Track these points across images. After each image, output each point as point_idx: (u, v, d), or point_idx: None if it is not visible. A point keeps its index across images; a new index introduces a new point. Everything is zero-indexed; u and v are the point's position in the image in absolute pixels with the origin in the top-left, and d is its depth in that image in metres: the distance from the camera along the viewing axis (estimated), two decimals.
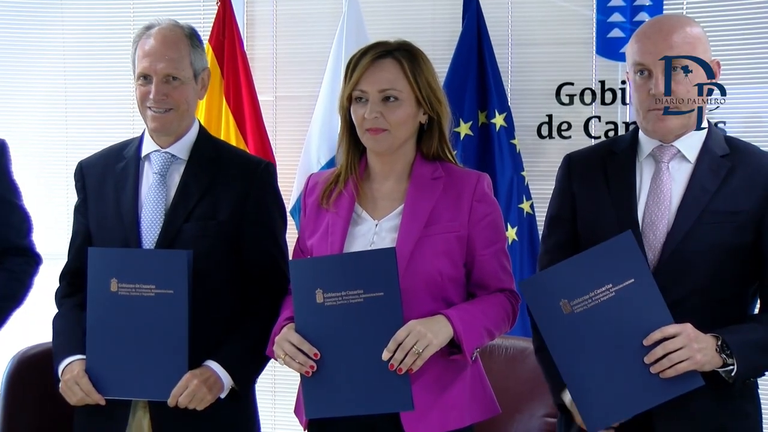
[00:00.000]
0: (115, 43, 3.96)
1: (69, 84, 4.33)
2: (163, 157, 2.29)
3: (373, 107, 2.04)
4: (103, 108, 4.24)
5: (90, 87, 4.30)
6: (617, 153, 2.08)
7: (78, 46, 4.33)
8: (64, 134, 4.21)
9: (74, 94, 4.31)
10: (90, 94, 4.31)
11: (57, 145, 4.11)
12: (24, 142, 3.77)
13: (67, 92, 4.32)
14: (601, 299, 1.86)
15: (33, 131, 4.20)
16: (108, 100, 4.20)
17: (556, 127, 3.98)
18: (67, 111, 4.32)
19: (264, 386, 2.35)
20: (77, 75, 4.33)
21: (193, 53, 2.28)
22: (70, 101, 4.31)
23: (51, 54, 4.36)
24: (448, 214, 2.08)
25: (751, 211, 1.94)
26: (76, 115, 4.31)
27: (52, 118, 4.33)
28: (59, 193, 3.86)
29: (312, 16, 4.22)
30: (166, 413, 2.16)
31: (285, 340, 1.98)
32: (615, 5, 3.86)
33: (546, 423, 2.51)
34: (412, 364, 1.90)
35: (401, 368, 1.90)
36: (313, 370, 1.96)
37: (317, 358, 1.96)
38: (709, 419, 1.90)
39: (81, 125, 4.22)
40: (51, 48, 4.36)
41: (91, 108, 4.29)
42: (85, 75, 4.32)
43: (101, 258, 2.19)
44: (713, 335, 1.84)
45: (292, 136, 4.20)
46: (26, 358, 2.62)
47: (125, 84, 2.29)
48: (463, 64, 3.89)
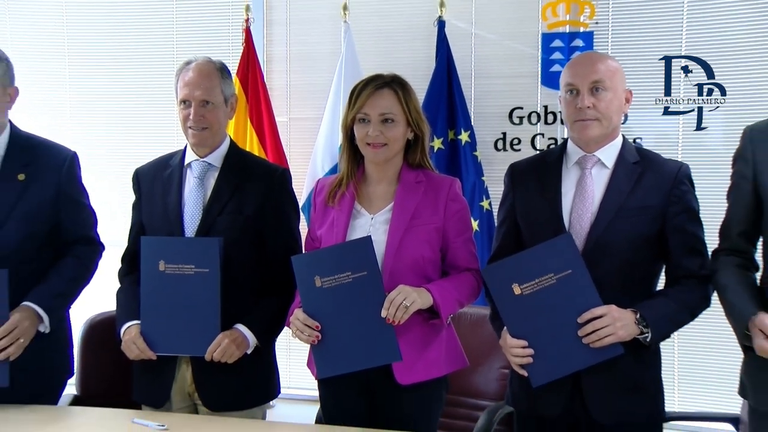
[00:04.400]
0: (162, 76, 3.94)
1: (129, 111, 4.36)
2: (201, 165, 2.28)
3: (375, 127, 2.05)
4: (154, 126, 4.26)
5: (144, 110, 4.33)
6: (549, 162, 2.07)
7: (137, 81, 4.35)
8: (124, 148, 4.23)
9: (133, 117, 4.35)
10: (145, 115, 4.33)
11: (119, 156, 4.11)
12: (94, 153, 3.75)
13: (128, 117, 4.36)
14: (544, 285, 1.87)
15: (103, 145, 4.25)
16: (159, 120, 4.20)
17: (509, 142, 3.98)
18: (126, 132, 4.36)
19: (281, 345, 2.35)
20: (136, 103, 4.35)
21: (223, 83, 2.27)
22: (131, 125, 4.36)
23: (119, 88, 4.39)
24: (428, 210, 2.09)
25: (658, 207, 1.94)
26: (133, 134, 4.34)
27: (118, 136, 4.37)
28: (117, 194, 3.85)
29: (317, 55, 4.21)
30: (203, 366, 2.17)
31: (295, 319, 2.01)
32: (555, 47, 3.87)
33: (501, 373, 2.55)
34: (401, 316, 1.92)
35: (393, 321, 1.92)
36: (318, 339, 1.98)
37: (318, 329, 1.97)
38: (625, 371, 1.90)
39: (137, 140, 4.24)
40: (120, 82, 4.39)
41: (146, 126, 4.31)
42: (142, 103, 4.34)
43: (152, 245, 2.20)
44: (632, 310, 1.85)
45: (302, 148, 4.19)
46: (95, 323, 2.66)
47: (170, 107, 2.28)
48: (437, 93, 3.89)
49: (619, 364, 1.86)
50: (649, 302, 1.90)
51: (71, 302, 2.35)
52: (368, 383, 2.06)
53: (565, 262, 1.86)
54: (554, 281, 1.86)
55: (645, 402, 1.97)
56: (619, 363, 1.86)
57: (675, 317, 1.92)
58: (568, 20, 3.85)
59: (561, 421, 1.96)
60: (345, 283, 1.97)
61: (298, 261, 2.04)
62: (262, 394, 2.31)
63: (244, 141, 3.99)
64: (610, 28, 3.84)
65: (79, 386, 2.60)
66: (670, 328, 1.93)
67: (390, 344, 1.95)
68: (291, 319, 2.04)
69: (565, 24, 3.86)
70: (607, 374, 1.88)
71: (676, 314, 1.91)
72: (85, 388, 2.60)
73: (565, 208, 1.98)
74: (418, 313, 1.97)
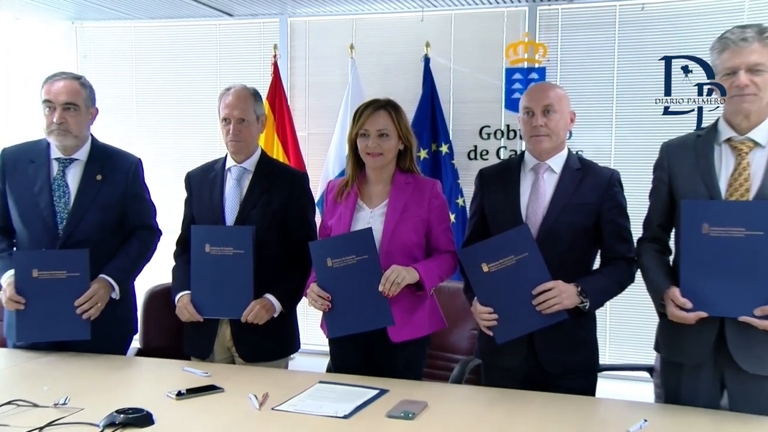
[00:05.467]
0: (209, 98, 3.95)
1: (183, 126, 4.38)
2: (238, 169, 2.26)
3: (373, 140, 2.04)
4: (202, 138, 4.25)
5: (194, 125, 4.34)
6: (510, 168, 2.05)
7: (189, 102, 4.37)
8: (178, 155, 4.21)
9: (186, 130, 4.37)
10: (195, 129, 4.34)
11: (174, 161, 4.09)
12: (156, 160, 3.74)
13: (182, 130, 4.38)
14: (507, 264, 1.86)
15: (162, 153, 4.24)
16: (206, 133, 4.20)
17: (479, 153, 3.99)
18: (181, 142, 4.37)
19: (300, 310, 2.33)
20: (189, 119, 4.38)
21: (256, 105, 2.25)
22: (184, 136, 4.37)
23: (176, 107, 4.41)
24: (415, 205, 2.08)
25: (595, 204, 1.93)
26: (186, 144, 4.34)
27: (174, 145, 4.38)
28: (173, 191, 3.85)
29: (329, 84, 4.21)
30: (240, 326, 2.16)
31: (311, 291, 2.01)
32: (516, 78, 3.87)
33: (472, 333, 2.52)
34: (394, 290, 1.92)
35: (388, 294, 1.92)
36: (328, 308, 1.98)
37: (329, 300, 1.97)
38: (568, 332, 1.89)
39: (188, 149, 4.24)
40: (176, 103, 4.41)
41: (196, 137, 4.32)
42: (193, 119, 4.36)
43: (199, 232, 2.18)
44: (575, 284, 1.85)
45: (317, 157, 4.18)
46: (155, 292, 2.65)
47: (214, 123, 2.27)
48: (423, 113, 3.90)
49: (564, 326, 1.86)
50: (587, 278, 1.90)
51: (136, 275, 2.34)
52: (367, 341, 2.06)
53: (523, 246, 1.85)
54: (514, 261, 1.85)
55: (584, 355, 1.97)
56: (564, 325, 1.85)
57: (608, 290, 1.91)
58: (526, 58, 3.86)
59: (519, 370, 1.96)
60: (350, 264, 1.96)
61: (313, 246, 2.03)
62: (286, 348, 2.30)
63: (272, 150, 3.99)
64: (558, 63, 3.86)
65: (142, 341, 2.59)
66: (603, 299, 1.93)
67: (385, 312, 1.94)
68: (308, 291, 2.04)
69: (523, 61, 3.87)
70: (555, 334, 1.87)
71: (608, 288, 1.91)
72: (146, 342, 2.59)
73: (523, 205, 1.97)
74: (407, 287, 1.96)
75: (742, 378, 1.70)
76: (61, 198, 2.20)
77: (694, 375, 1.78)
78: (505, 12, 3.93)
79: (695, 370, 1.77)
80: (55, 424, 1.56)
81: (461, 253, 1.98)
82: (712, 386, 1.76)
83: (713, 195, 1.73)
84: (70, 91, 2.18)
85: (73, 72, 2.31)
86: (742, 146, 1.73)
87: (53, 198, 2.19)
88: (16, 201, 2.22)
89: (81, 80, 2.25)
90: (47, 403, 1.69)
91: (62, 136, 2.18)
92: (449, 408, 1.74)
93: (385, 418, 1.63)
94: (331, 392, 1.82)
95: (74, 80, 2.23)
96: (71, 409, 1.66)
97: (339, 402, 1.73)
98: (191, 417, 1.65)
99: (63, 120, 2.16)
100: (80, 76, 2.27)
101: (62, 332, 2.12)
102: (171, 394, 1.77)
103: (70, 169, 2.23)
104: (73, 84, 2.21)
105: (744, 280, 1.64)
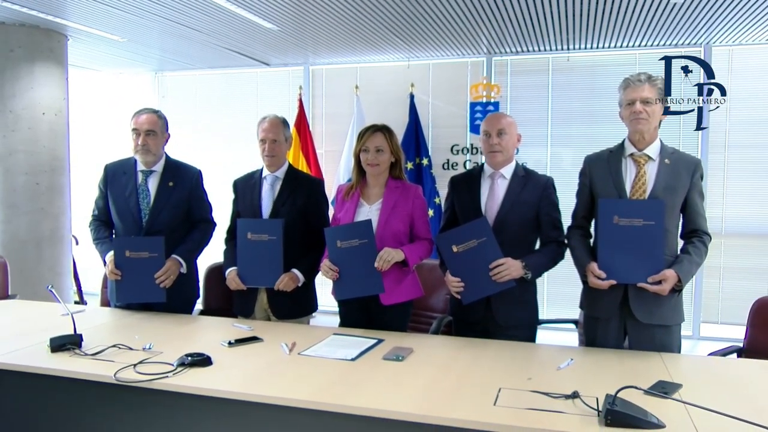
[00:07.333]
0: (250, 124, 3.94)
1: (233, 144, 4.35)
2: (272, 177, 2.23)
3: (372, 154, 2.02)
4: (246, 153, 4.21)
5: (240, 144, 4.28)
6: (473, 176, 2.03)
7: (236, 127, 4.35)
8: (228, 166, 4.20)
9: (235, 148, 4.31)
10: (241, 147, 4.30)
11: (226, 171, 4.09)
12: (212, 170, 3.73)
13: (231, 147, 4.33)
14: (470, 246, 1.84)
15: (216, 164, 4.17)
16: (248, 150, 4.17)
17: (451, 165, 4.01)
18: (230, 157, 4.31)
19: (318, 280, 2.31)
20: (237, 140, 4.36)
21: (284, 129, 2.23)
22: (233, 152, 4.31)
23: (227, 131, 4.36)
24: (402, 203, 2.05)
25: (535, 202, 1.91)
26: (234, 158, 4.29)
27: (225, 159, 4.33)
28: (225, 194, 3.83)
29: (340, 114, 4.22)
30: (273, 293, 2.14)
31: (324, 265, 1.98)
32: (477, 110, 3.89)
33: (445, 297, 2.49)
34: (386, 267, 1.91)
35: (381, 268, 1.90)
36: (337, 278, 1.96)
37: (337, 272, 1.95)
38: (515, 294, 1.87)
39: (236, 162, 4.18)
40: (227, 128, 4.34)
41: (241, 153, 4.27)
42: (239, 140, 4.34)
43: (243, 223, 2.15)
44: (520, 260, 1.83)
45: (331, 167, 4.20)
46: (213, 268, 2.61)
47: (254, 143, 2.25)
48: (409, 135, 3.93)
49: (513, 291, 1.85)
50: (529, 256, 1.88)
51: (198, 255, 2.32)
52: (366, 304, 2.03)
53: (482, 233, 1.83)
54: (476, 244, 1.83)
55: (527, 312, 1.95)
56: (513, 290, 1.84)
57: (545, 264, 1.90)
58: (484, 95, 3.88)
59: (479, 324, 1.94)
60: (354, 246, 1.93)
61: (327, 232, 2.00)
62: (307, 308, 2.27)
63: (297, 163, 3.99)
64: (508, 99, 3.88)
65: (203, 304, 2.57)
66: (541, 271, 1.91)
67: (378, 282, 1.93)
68: (322, 266, 2.01)
69: (482, 97, 3.88)
70: (506, 296, 1.86)
71: (545, 263, 1.89)
72: (206, 305, 2.56)
73: (483, 203, 1.95)
74: (395, 264, 1.95)
75: (638, 327, 1.75)
76: (144, 199, 2.21)
77: (605, 325, 1.80)
78: (469, 62, 3.97)
79: (606, 322, 1.79)
80: (144, 363, 1.59)
81: (437, 239, 1.96)
82: (618, 333, 1.78)
83: (621, 195, 1.76)
84: (150, 121, 2.20)
85: (152, 107, 2.31)
86: (640, 159, 1.77)
87: (139, 199, 2.21)
88: (113, 201, 2.23)
89: (158, 113, 2.26)
90: (137, 347, 1.73)
91: (145, 154, 2.19)
92: (429, 352, 1.73)
93: (382, 360, 1.63)
94: (341, 341, 1.81)
95: (153, 113, 2.24)
96: (154, 352, 1.69)
97: (347, 348, 1.72)
98: (240, 359, 1.64)
99: (145, 143, 2.18)
100: (158, 110, 2.27)
101: (146, 296, 2.13)
102: (224, 342, 1.77)
103: (151, 179, 2.23)
104: (152, 116, 2.22)
105: (641, 256, 1.68)
